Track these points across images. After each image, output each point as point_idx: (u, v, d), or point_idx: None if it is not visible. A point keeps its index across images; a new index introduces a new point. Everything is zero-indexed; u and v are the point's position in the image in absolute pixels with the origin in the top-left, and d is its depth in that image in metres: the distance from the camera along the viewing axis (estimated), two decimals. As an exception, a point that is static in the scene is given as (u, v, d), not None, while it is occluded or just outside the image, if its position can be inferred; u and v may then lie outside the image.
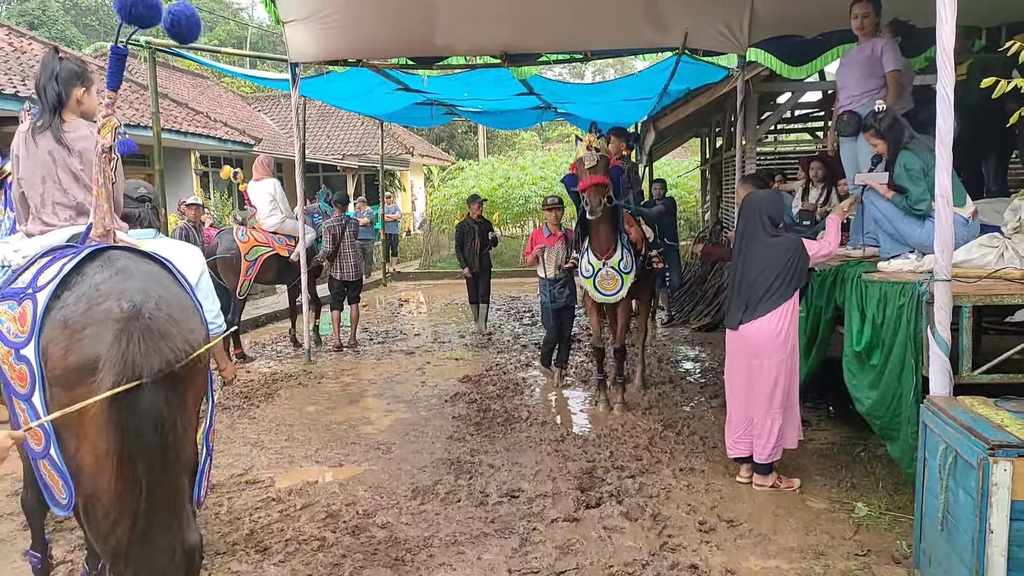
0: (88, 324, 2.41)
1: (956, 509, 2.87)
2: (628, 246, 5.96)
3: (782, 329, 4.35)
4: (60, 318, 2.44)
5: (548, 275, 7.10)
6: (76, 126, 3.07)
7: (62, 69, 3.05)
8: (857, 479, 4.62)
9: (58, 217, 3.02)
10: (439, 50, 8.23)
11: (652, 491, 4.52)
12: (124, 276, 2.55)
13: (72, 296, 2.48)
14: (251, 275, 8.38)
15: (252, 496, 4.61)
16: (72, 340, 2.41)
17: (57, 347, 2.42)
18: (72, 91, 3.07)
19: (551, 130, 38.47)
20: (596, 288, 6.01)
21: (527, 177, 20.04)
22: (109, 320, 2.40)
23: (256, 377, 7.73)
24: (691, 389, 6.91)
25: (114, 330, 2.37)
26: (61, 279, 2.50)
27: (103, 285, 2.50)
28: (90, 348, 2.39)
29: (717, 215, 12.34)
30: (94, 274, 2.54)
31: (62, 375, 2.42)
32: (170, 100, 15.42)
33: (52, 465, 2.51)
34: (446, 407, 6.56)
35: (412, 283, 17.03)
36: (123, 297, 2.44)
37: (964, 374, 3.53)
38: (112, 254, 2.68)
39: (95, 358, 2.37)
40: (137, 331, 2.37)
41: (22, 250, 2.89)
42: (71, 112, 3.09)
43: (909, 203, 4.31)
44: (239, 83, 26.51)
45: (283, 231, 8.77)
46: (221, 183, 19.16)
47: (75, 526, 4.14)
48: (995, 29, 6.20)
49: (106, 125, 2.87)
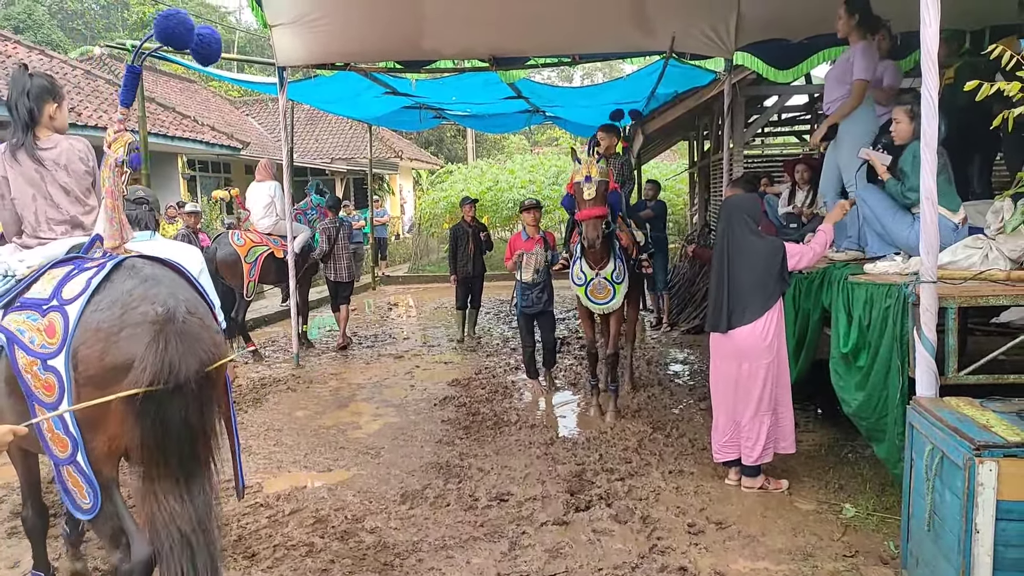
0: (124, 327, 2.55)
1: (943, 509, 2.89)
2: (620, 254, 5.85)
3: (768, 332, 4.36)
4: (94, 323, 2.56)
5: (525, 279, 6.86)
6: (55, 141, 3.11)
7: (33, 85, 3.07)
8: (844, 480, 4.64)
9: (54, 232, 3.09)
10: (426, 54, 8.23)
11: (641, 493, 4.52)
12: (153, 283, 2.69)
13: (105, 302, 2.61)
14: (255, 276, 8.61)
15: (240, 501, 4.58)
16: (108, 343, 2.54)
17: (92, 350, 2.54)
18: (44, 107, 3.12)
19: (540, 133, 38.51)
20: (588, 297, 5.92)
21: (516, 180, 20.08)
22: (145, 323, 2.54)
23: (244, 382, 7.68)
24: (680, 391, 6.93)
25: (151, 332, 2.51)
26: (94, 289, 2.61)
27: (135, 291, 2.64)
28: (127, 349, 2.52)
29: (705, 218, 12.38)
30: (123, 281, 2.68)
31: (96, 375, 2.53)
32: (157, 104, 15.33)
33: (77, 470, 2.59)
34: (435, 411, 6.54)
35: (401, 287, 17.00)
36: (156, 302, 2.58)
37: (950, 375, 3.55)
38: (135, 262, 2.81)
39: (131, 359, 2.50)
40: (174, 334, 2.51)
41: (27, 260, 2.95)
42: (45, 128, 3.12)
43: (903, 189, 4.32)
44: (227, 87, 26.39)
45: (277, 232, 8.92)
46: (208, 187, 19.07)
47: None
48: (979, 33, 6.26)
49: (118, 140, 2.99)
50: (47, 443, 2.61)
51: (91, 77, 14.07)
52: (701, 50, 7.64)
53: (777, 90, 9.54)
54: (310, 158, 22.82)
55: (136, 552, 2.66)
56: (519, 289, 7.04)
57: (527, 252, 6.87)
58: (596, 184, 5.38)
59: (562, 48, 8.33)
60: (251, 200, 9.08)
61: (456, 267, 9.48)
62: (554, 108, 11.86)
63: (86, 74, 14.07)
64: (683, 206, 19.82)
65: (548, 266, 6.89)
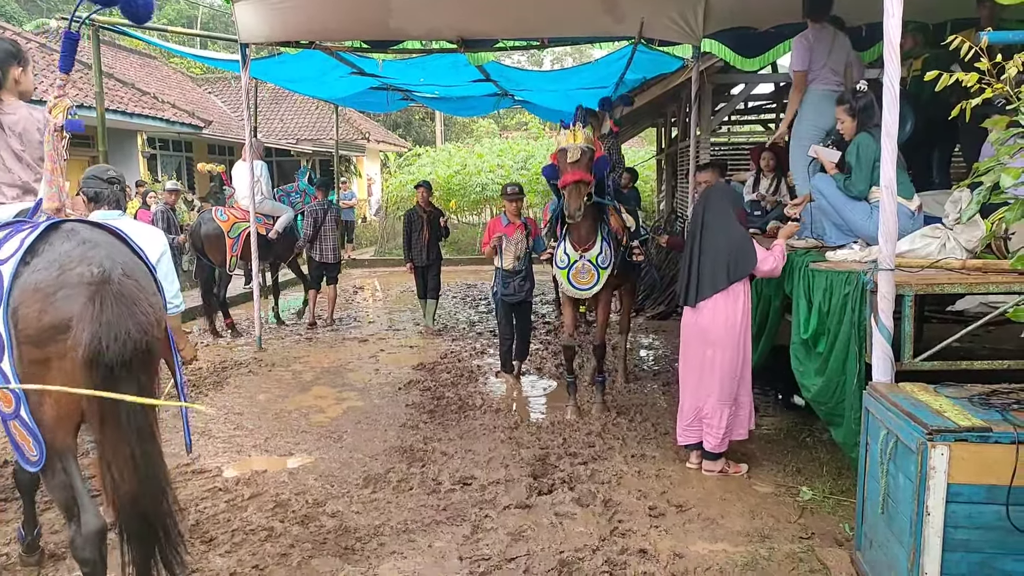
0: (61, 287, 2.61)
1: (896, 492, 2.95)
2: (608, 238, 5.52)
3: (736, 320, 4.43)
4: (31, 283, 2.62)
5: (505, 266, 6.66)
6: (15, 107, 3.20)
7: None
8: (802, 464, 4.72)
9: (4, 196, 3.16)
10: (393, 33, 8.11)
11: (604, 477, 4.55)
12: (90, 245, 2.73)
13: (42, 263, 2.66)
14: (237, 251, 8.78)
15: (198, 486, 4.51)
16: (46, 302, 2.60)
17: (30, 309, 2.60)
18: (9, 71, 3.20)
19: (509, 118, 38.35)
20: (569, 281, 5.56)
21: (484, 164, 19.98)
22: (82, 284, 2.60)
23: (205, 365, 7.56)
24: (644, 376, 6.98)
25: (87, 293, 2.58)
26: (27, 249, 2.67)
27: (72, 253, 2.68)
28: (64, 309, 2.59)
29: (672, 204, 12.47)
30: (60, 244, 2.72)
31: (34, 334, 2.61)
32: (116, 80, 14.92)
33: (23, 425, 2.68)
34: (399, 395, 6.51)
35: (367, 270, 16.87)
36: (92, 263, 2.64)
37: (906, 361, 3.61)
38: (73, 226, 2.85)
39: (68, 318, 2.58)
40: (109, 295, 2.59)
41: None
42: (8, 92, 3.20)
43: (847, 184, 4.40)
44: (189, 64, 25.79)
45: (261, 211, 9.03)
46: (169, 166, 18.67)
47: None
48: (941, 26, 6.35)
49: (58, 105, 3.07)
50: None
51: (47, 51, 13.63)
52: (670, 36, 7.64)
53: (744, 78, 9.61)
54: (275, 138, 22.42)
55: (86, 523, 2.72)
56: (499, 277, 6.78)
57: (507, 236, 6.63)
58: (581, 149, 5.09)
59: (531, 31, 8.27)
60: (236, 178, 9.24)
61: (411, 254, 9.18)
62: (523, 92, 11.77)
63: (41, 47, 13.63)
64: (651, 192, 19.92)
65: (529, 254, 6.67)
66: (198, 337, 8.98)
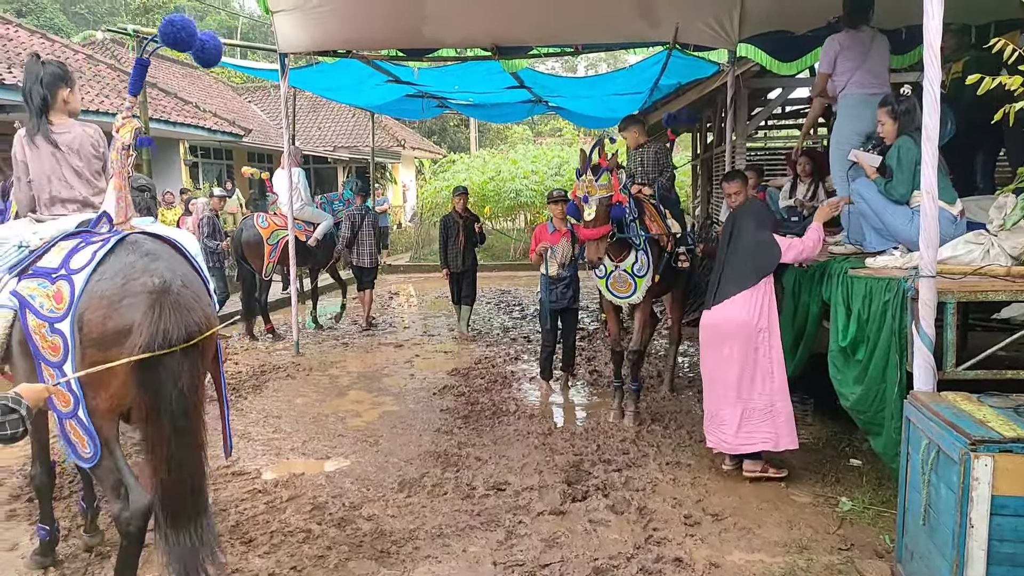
0: (125, 296, 2.85)
1: (938, 504, 2.89)
2: (646, 247, 5.47)
3: (751, 314, 4.45)
4: (98, 291, 2.86)
5: (550, 272, 6.63)
6: (68, 126, 3.36)
7: (45, 73, 3.30)
8: (841, 474, 4.65)
9: (66, 209, 3.36)
10: (428, 42, 8.20)
11: (638, 485, 4.53)
12: (152, 257, 2.98)
13: (109, 272, 2.90)
14: (274, 258, 9.03)
15: (238, 488, 4.60)
16: (111, 309, 2.84)
17: (96, 315, 2.84)
18: (58, 92, 3.34)
19: (543, 124, 38.39)
20: (608, 289, 5.67)
21: (518, 171, 20.03)
22: (144, 293, 2.84)
23: (244, 369, 7.70)
24: (678, 383, 6.93)
25: (148, 301, 2.82)
26: (99, 261, 2.91)
27: (136, 264, 2.93)
28: (127, 315, 2.83)
29: (707, 210, 12.36)
30: (125, 255, 2.97)
31: (99, 338, 2.83)
32: (159, 90, 15.27)
33: (79, 424, 2.88)
34: (434, 400, 6.56)
35: (403, 276, 17.01)
36: (154, 274, 2.88)
37: (948, 370, 3.55)
38: (138, 238, 3.11)
39: (130, 324, 2.82)
40: (168, 303, 2.82)
41: (40, 232, 3.21)
42: (59, 112, 3.36)
43: (888, 187, 4.34)
44: (229, 73, 26.30)
45: (301, 218, 9.33)
46: (210, 174, 19.05)
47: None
48: (985, 27, 6.22)
49: (126, 125, 3.33)
50: (51, 398, 2.83)
51: (93, 62, 14.02)
52: (705, 41, 7.61)
53: (780, 83, 9.50)
54: (312, 146, 22.75)
55: (134, 501, 2.94)
56: (544, 283, 6.80)
57: (552, 245, 6.60)
58: (596, 203, 5.07)
59: (565, 38, 8.29)
60: (277, 185, 9.49)
61: (447, 260, 9.09)
62: (557, 98, 11.81)
63: (88, 59, 14.03)
64: (686, 199, 19.78)
65: (575, 261, 6.64)
66: (237, 342, 9.15)
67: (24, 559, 3.70)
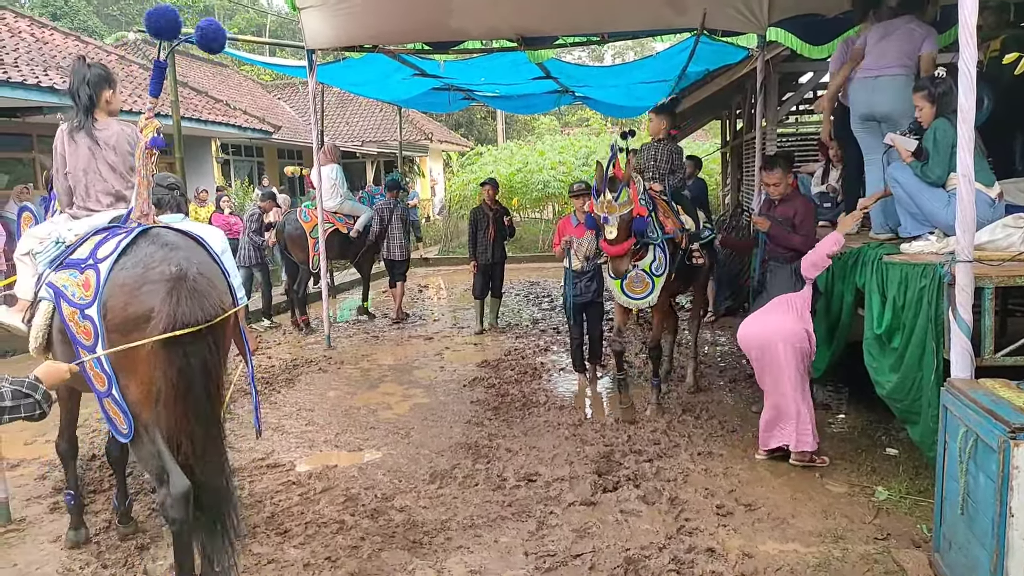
0: (144, 283, 3.02)
1: (976, 493, 2.84)
2: (662, 245, 5.37)
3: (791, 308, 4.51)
4: (120, 280, 3.04)
5: (573, 266, 6.54)
6: (107, 124, 3.58)
7: (91, 75, 3.53)
8: (877, 462, 4.58)
9: (100, 203, 3.56)
10: (454, 34, 8.18)
11: (670, 475, 4.51)
12: (171, 248, 3.14)
13: (130, 262, 3.08)
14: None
15: (273, 480, 4.67)
16: (131, 296, 3.01)
17: (117, 302, 3.00)
18: (102, 93, 3.57)
19: (570, 114, 38.24)
20: (623, 291, 5.46)
21: (546, 162, 19.96)
22: (162, 281, 2.99)
23: (277, 363, 7.81)
24: (710, 373, 6.88)
25: (166, 288, 2.97)
26: (120, 251, 3.09)
27: (156, 254, 3.10)
28: (146, 302, 2.99)
29: (737, 199, 12.22)
30: (146, 246, 3.14)
31: (121, 323, 2.99)
32: (190, 89, 15.51)
33: (114, 402, 3.07)
34: (464, 392, 6.59)
35: (432, 268, 17.07)
36: (172, 263, 3.04)
37: (986, 356, 3.47)
38: (159, 231, 3.29)
39: (149, 310, 2.97)
40: (184, 290, 2.96)
41: (74, 229, 3.42)
42: (102, 111, 3.60)
43: (924, 169, 4.24)
44: (258, 71, 26.63)
45: (342, 211, 9.66)
46: (241, 171, 19.30)
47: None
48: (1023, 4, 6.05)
49: (148, 126, 3.45)
50: (90, 379, 3.05)
51: (125, 62, 14.27)
52: (733, 26, 7.49)
53: (812, 67, 9.31)
54: (341, 141, 22.83)
55: (174, 485, 3.03)
56: (568, 277, 6.70)
57: (576, 238, 6.51)
58: (617, 221, 4.94)
59: (590, 27, 8.20)
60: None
61: (476, 252, 9.05)
62: (583, 88, 11.73)
63: (120, 59, 14.27)
64: (715, 186, 19.57)
65: (599, 254, 6.66)
66: (275, 335, 9.30)
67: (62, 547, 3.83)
